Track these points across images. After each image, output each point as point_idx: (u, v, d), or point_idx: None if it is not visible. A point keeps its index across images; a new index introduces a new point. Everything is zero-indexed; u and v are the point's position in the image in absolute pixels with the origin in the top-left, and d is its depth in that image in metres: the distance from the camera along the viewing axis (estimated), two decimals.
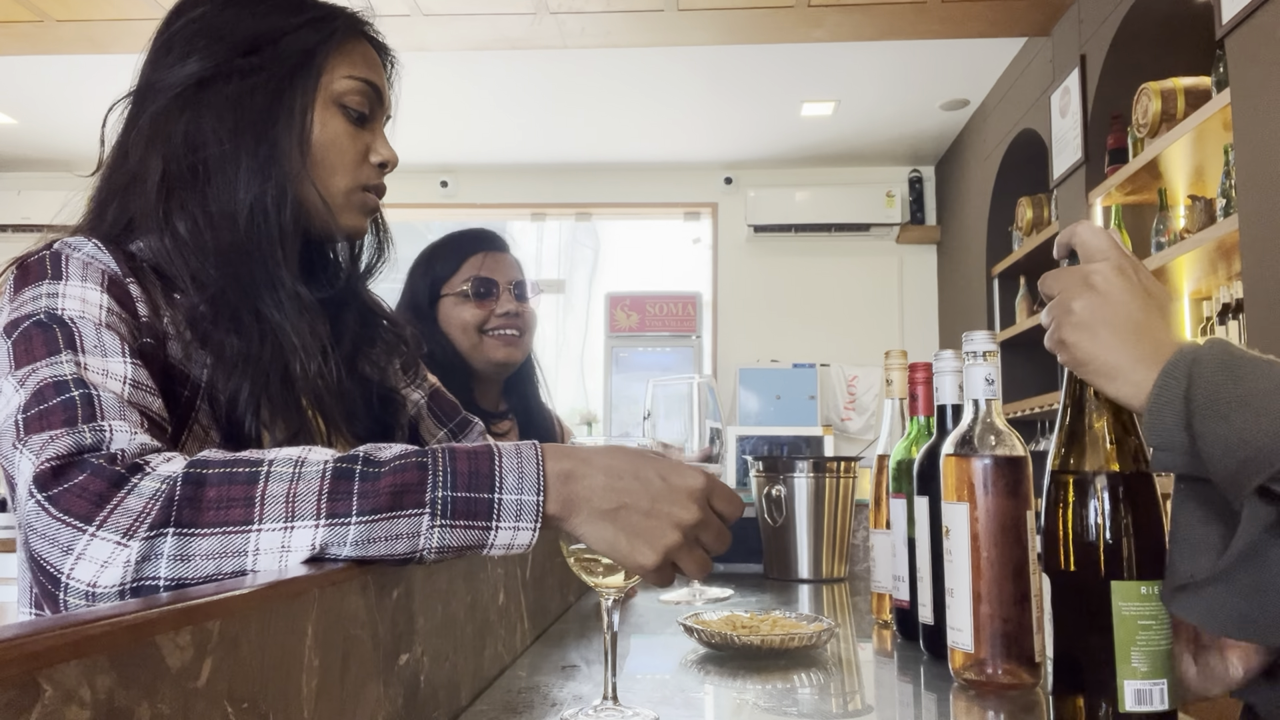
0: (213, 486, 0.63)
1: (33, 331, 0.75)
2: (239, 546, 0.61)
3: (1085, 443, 0.72)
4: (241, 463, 0.64)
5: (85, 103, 4.71)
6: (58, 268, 0.80)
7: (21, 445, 0.66)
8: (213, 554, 0.61)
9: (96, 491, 0.62)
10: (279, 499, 0.62)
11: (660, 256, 5.81)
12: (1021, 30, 3.82)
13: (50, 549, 0.61)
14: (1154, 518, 0.70)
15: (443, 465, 0.65)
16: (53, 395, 0.69)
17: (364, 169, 0.97)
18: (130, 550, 0.60)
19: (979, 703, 0.85)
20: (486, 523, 0.64)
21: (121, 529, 0.61)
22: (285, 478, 0.63)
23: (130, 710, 0.37)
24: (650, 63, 4.29)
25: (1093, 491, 0.70)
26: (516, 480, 0.65)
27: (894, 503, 1.13)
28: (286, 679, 0.50)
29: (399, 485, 0.63)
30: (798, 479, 1.75)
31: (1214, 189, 2.98)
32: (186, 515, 0.61)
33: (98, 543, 0.61)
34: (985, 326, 4.53)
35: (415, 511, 0.63)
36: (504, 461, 0.65)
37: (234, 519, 0.62)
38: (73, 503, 0.62)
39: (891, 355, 1.25)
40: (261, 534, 0.62)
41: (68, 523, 0.61)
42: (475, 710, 0.81)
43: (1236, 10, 2.44)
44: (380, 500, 0.63)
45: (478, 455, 0.66)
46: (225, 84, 0.89)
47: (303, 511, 0.62)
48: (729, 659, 1.03)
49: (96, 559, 0.61)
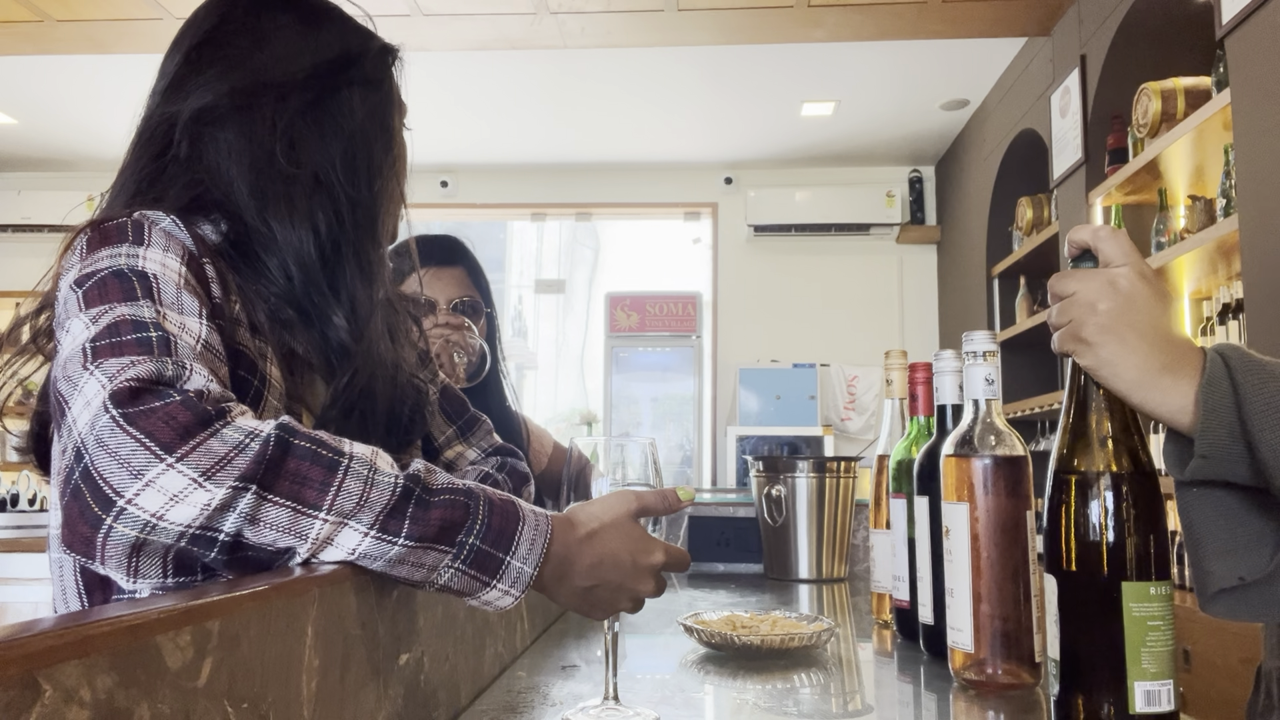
0: (295, 459, 0.62)
1: (108, 279, 0.72)
2: (302, 529, 0.62)
3: (1092, 443, 0.71)
4: (326, 446, 0.64)
5: (85, 103, 4.71)
6: (140, 233, 0.78)
7: (93, 366, 0.63)
8: (278, 525, 0.61)
9: (183, 422, 0.60)
10: (352, 496, 0.63)
11: (660, 256, 5.82)
12: (1021, 30, 3.82)
13: (117, 469, 0.59)
14: (1160, 517, 0.70)
15: (482, 514, 0.68)
16: (129, 331, 0.67)
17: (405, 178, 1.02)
18: (212, 494, 0.59)
19: (979, 703, 0.85)
20: (490, 579, 0.68)
21: (202, 469, 0.59)
22: (361, 478, 0.64)
23: (130, 710, 0.37)
24: (650, 63, 4.29)
25: (1102, 492, 0.70)
26: (527, 550, 0.69)
27: (894, 503, 1.13)
28: (286, 679, 0.50)
29: (445, 521, 0.66)
30: (798, 479, 1.75)
31: (1214, 189, 2.98)
32: (269, 478, 0.61)
33: (173, 474, 0.59)
34: (985, 326, 4.53)
35: (445, 549, 0.66)
36: (524, 531, 0.70)
37: (307, 499, 0.62)
38: (156, 426, 0.59)
39: (891, 355, 1.25)
40: (324, 523, 0.62)
41: (146, 445, 0.59)
42: (475, 710, 0.81)
43: (1236, 10, 2.44)
44: (428, 530, 0.65)
45: (508, 515, 0.70)
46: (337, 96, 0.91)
47: (364, 517, 0.63)
48: (729, 659, 1.03)
49: (168, 490, 0.59)
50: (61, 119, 4.95)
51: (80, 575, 0.79)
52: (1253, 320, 2.43)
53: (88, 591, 0.79)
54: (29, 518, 3.69)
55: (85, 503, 0.59)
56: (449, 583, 0.67)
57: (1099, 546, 0.69)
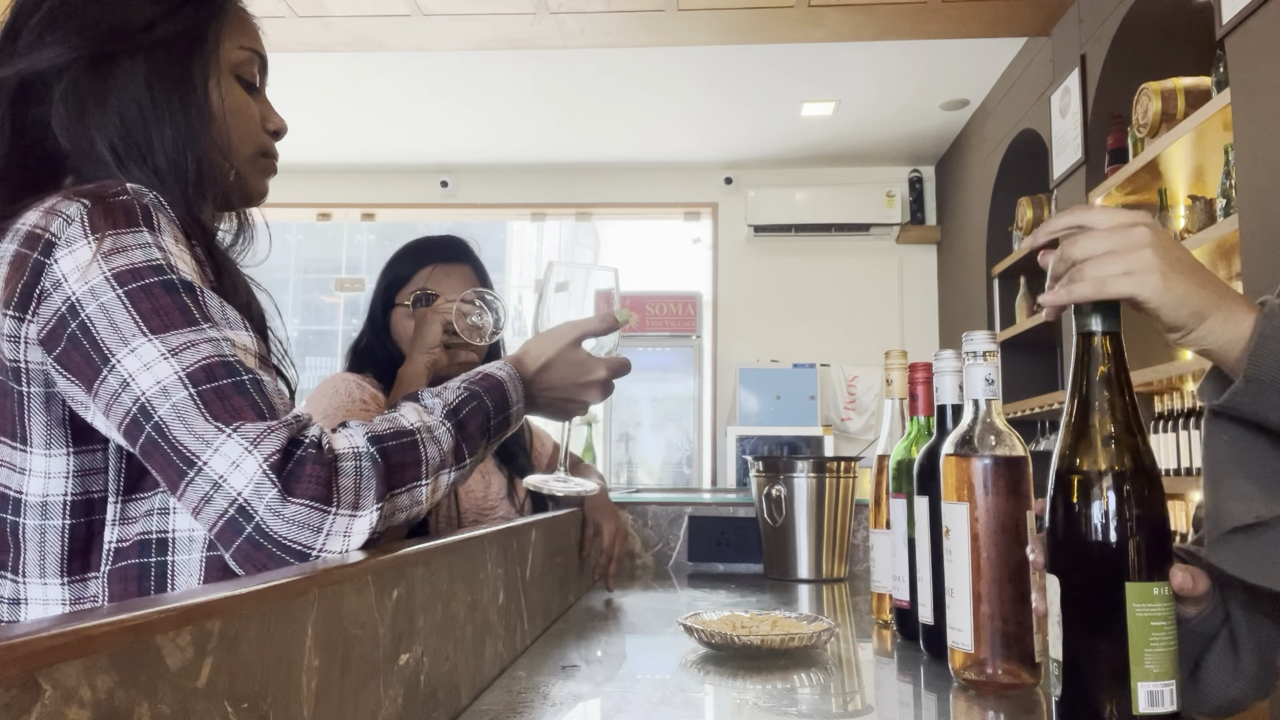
0: (394, 455, 0.77)
1: (156, 290, 0.75)
2: (417, 497, 0.79)
3: (1097, 442, 0.71)
4: (396, 432, 0.80)
5: None
6: (149, 217, 0.79)
7: (230, 430, 0.71)
8: (405, 506, 0.78)
9: (324, 478, 0.72)
10: (435, 458, 0.81)
11: (660, 256, 5.82)
12: (1021, 30, 3.82)
13: (300, 531, 0.71)
14: (1163, 517, 0.70)
15: (489, 403, 0.91)
16: (223, 375, 0.73)
17: (262, 135, 0.97)
18: (370, 518, 0.73)
19: (979, 703, 0.85)
20: (505, 432, 0.95)
21: (350, 504, 0.73)
22: (432, 441, 0.82)
23: (130, 710, 0.37)
24: (650, 63, 4.29)
25: (1106, 492, 0.69)
26: (517, 397, 0.96)
27: (894, 503, 1.13)
28: (286, 679, 0.50)
29: (480, 426, 0.89)
30: (798, 479, 1.75)
31: (1214, 189, 2.98)
32: (393, 480, 0.77)
33: (340, 519, 0.72)
34: (985, 326, 4.53)
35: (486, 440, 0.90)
36: (509, 389, 0.95)
37: (409, 478, 0.79)
38: (313, 490, 0.71)
39: (891, 355, 1.25)
40: (425, 486, 0.80)
41: (315, 507, 0.71)
42: (475, 710, 0.81)
43: (1236, 10, 2.44)
44: (477, 440, 0.88)
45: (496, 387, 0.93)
46: (129, 61, 0.87)
47: (447, 462, 0.83)
48: (729, 659, 1.03)
49: (340, 532, 0.72)
50: None
51: (67, 538, 0.80)
52: None
53: (70, 556, 0.80)
54: None
55: (273, 555, 0.71)
56: (488, 451, 0.92)
57: (1103, 547, 0.68)
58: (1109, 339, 0.73)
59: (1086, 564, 0.69)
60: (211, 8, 0.92)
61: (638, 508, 1.97)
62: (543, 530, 1.20)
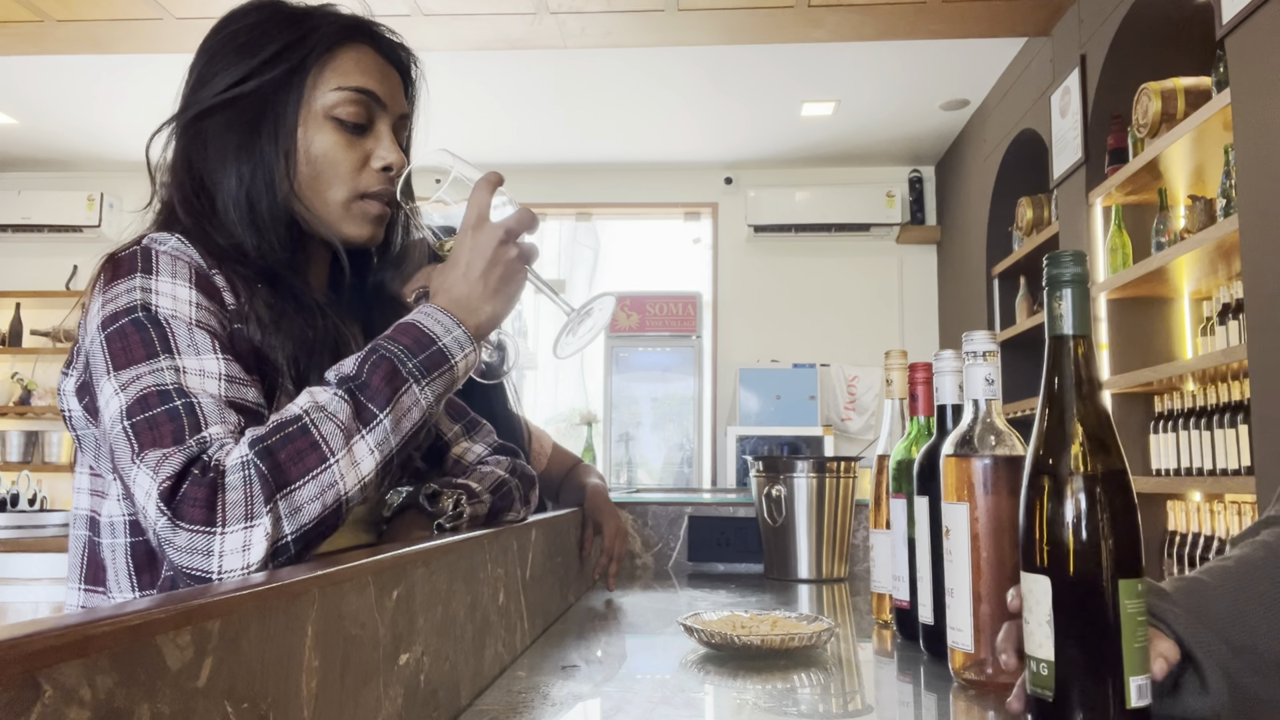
0: (280, 450, 0.74)
1: (128, 330, 0.80)
2: (329, 480, 0.75)
3: (1080, 442, 0.71)
4: (284, 423, 0.76)
5: (85, 103, 4.71)
6: (148, 262, 0.85)
7: (139, 461, 0.73)
8: (315, 496, 0.74)
9: (205, 498, 0.71)
10: (335, 433, 0.76)
11: (660, 256, 5.81)
12: (1021, 30, 3.82)
13: (193, 557, 0.71)
14: (1136, 513, 0.71)
15: (396, 347, 0.83)
16: (156, 404, 0.76)
17: (363, 177, 0.98)
18: (263, 525, 0.71)
19: (979, 703, 0.85)
20: (449, 360, 0.85)
21: (240, 518, 0.71)
22: (324, 418, 0.77)
23: (130, 710, 0.37)
24: (650, 63, 4.29)
25: (1104, 492, 0.70)
26: (442, 328, 0.86)
27: (894, 503, 1.13)
28: (286, 679, 0.50)
29: (385, 375, 0.81)
30: (798, 479, 1.75)
31: (1214, 189, 2.98)
32: (280, 479, 0.73)
33: (230, 537, 0.71)
34: (985, 326, 4.53)
35: (404, 386, 0.81)
36: (424, 322, 0.86)
37: (312, 464, 0.75)
38: (194, 513, 0.71)
39: (891, 355, 1.25)
40: (338, 463, 0.76)
41: (198, 531, 0.71)
42: (475, 710, 0.81)
43: (1236, 10, 2.44)
44: (384, 393, 0.80)
45: (406, 330, 0.85)
46: (220, 113, 0.94)
47: (351, 431, 0.77)
48: (729, 659, 1.02)
49: (235, 548, 0.71)
50: (61, 119, 4.95)
51: (130, 556, 0.87)
52: (1253, 320, 2.43)
53: (138, 572, 0.87)
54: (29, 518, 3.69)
55: (184, 576, 0.71)
56: (436, 392, 0.84)
57: (1099, 545, 0.69)
58: (1081, 341, 0.73)
59: (1082, 563, 0.69)
60: (295, 59, 0.95)
61: (638, 508, 1.97)
62: (543, 530, 1.20)
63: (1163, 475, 3.07)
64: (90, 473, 0.92)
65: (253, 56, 0.94)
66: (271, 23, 0.96)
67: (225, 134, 0.94)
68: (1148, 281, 3.12)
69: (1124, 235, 3.26)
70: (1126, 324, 3.29)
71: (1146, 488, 3.06)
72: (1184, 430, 2.96)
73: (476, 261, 0.90)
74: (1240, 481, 2.60)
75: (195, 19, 3.63)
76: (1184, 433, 2.95)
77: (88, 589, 0.91)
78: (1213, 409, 2.83)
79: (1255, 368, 2.40)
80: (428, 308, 0.88)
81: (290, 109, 0.94)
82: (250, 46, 0.95)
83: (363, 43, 0.99)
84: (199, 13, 3.59)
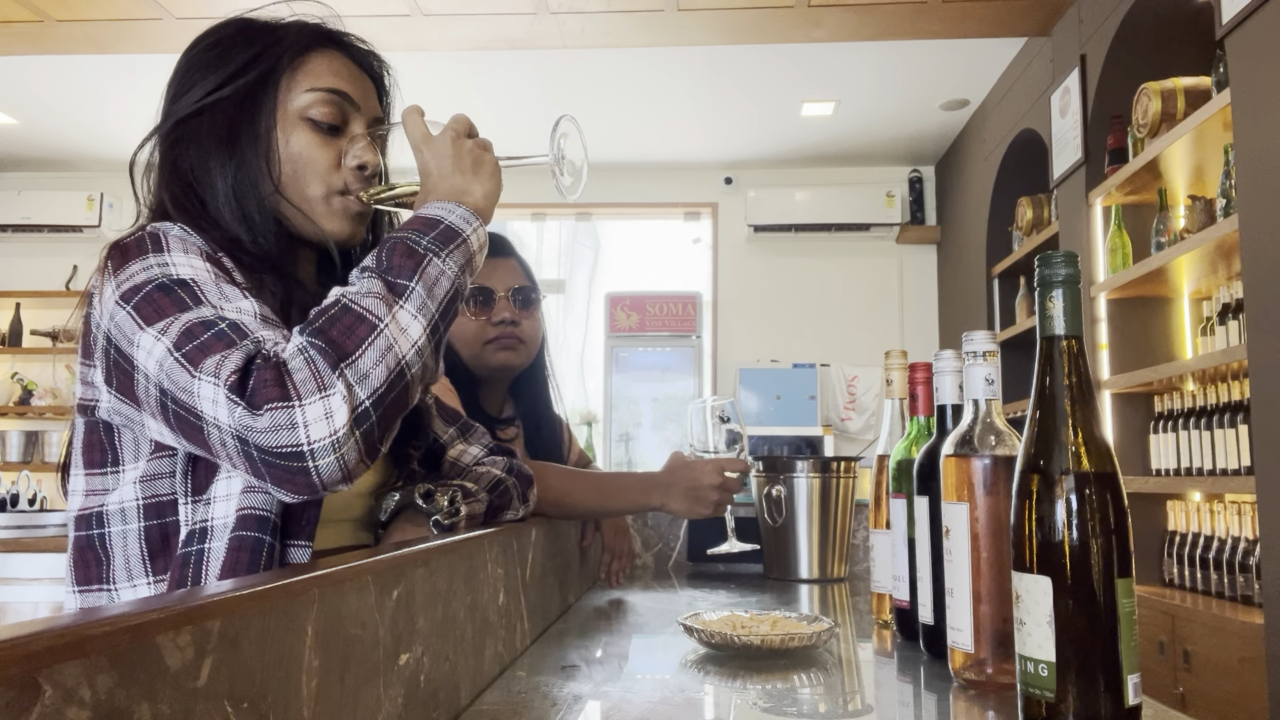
0: (329, 328, 0.77)
1: (155, 294, 0.81)
2: (384, 345, 0.78)
3: (1079, 443, 0.71)
4: (327, 309, 0.79)
5: (85, 103, 4.71)
6: (157, 243, 0.86)
7: (199, 375, 0.75)
8: (377, 360, 0.77)
9: (276, 379, 0.74)
10: (372, 306, 0.80)
11: (660, 256, 5.81)
12: (1021, 30, 3.82)
13: (279, 434, 0.73)
14: (1128, 513, 0.71)
15: (405, 233, 0.86)
16: (202, 331, 0.78)
17: (338, 175, 1.00)
18: (338, 391, 0.74)
19: (979, 703, 0.85)
20: (460, 237, 0.88)
21: (314, 390, 0.74)
22: (361, 295, 0.80)
23: (130, 710, 0.37)
24: (650, 63, 4.29)
25: (1105, 492, 0.70)
26: (443, 210, 0.90)
27: (894, 503, 1.13)
28: (286, 679, 0.50)
29: (403, 254, 0.84)
30: (798, 479, 1.75)
31: (1214, 189, 2.98)
32: (340, 350, 0.76)
33: (310, 407, 0.74)
34: (985, 326, 4.53)
35: (427, 259, 0.85)
36: (424, 212, 0.90)
37: (363, 334, 0.78)
38: (272, 393, 0.73)
39: (891, 355, 1.25)
40: (387, 329, 0.79)
41: (280, 408, 0.73)
42: (475, 710, 0.81)
43: (1236, 10, 2.44)
44: (408, 266, 0.83)
45: (409, 221, 0.89)
46: (199, 119, 0.97)
47: (389, 301, 0.81)
48: (729, 659, 1.03)
49: (316, 419, 0.74)
50: (61, 119, 4.95)
51: (145, 540, 0.88)
52: (1252, 320, 2.43)
53: (152, 557, 0.88)
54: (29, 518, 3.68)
55: (279, 468, 0.74)
56: (458, 262, 0.87)
57: (1098, 546, 0.69)
58: (1073, 342, 0.73)
59: (1084, 564, 0.69)
60: (267, 65, 0.98)
61: None
62: (543, 530, 1.20)
63: (1163, 475, 3.07)
64: (86, 473, 0.91)
65: (228, 65, 0.97)
66: (243, 35, 1.00)
67: (206, 139, 0.96)
68: (1148, 281, 3.12)
69: (1124, 235, 3.26)
70: (1126, 324, 3.29)
71: (1146, 488, 3.06)
72: (1184, 430, 2.96)
73: (443, 161, 0.94)
74: (1240, 481, 2.60)
75: (195, 19, 3.63)
76: (1184, 433, 2.95)
77: (82, 590, 0.90)
78: (1213, 409, 2.83)
79: (1255, 368, 2.40)
80: (421, 208, 0.91)
81: (266, 112, 0.97)
82: (224, 58, 0.98)
83: (333, 49, 1.02)
84: (199, 13, 3.59)
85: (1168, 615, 2.73)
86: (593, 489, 1.49)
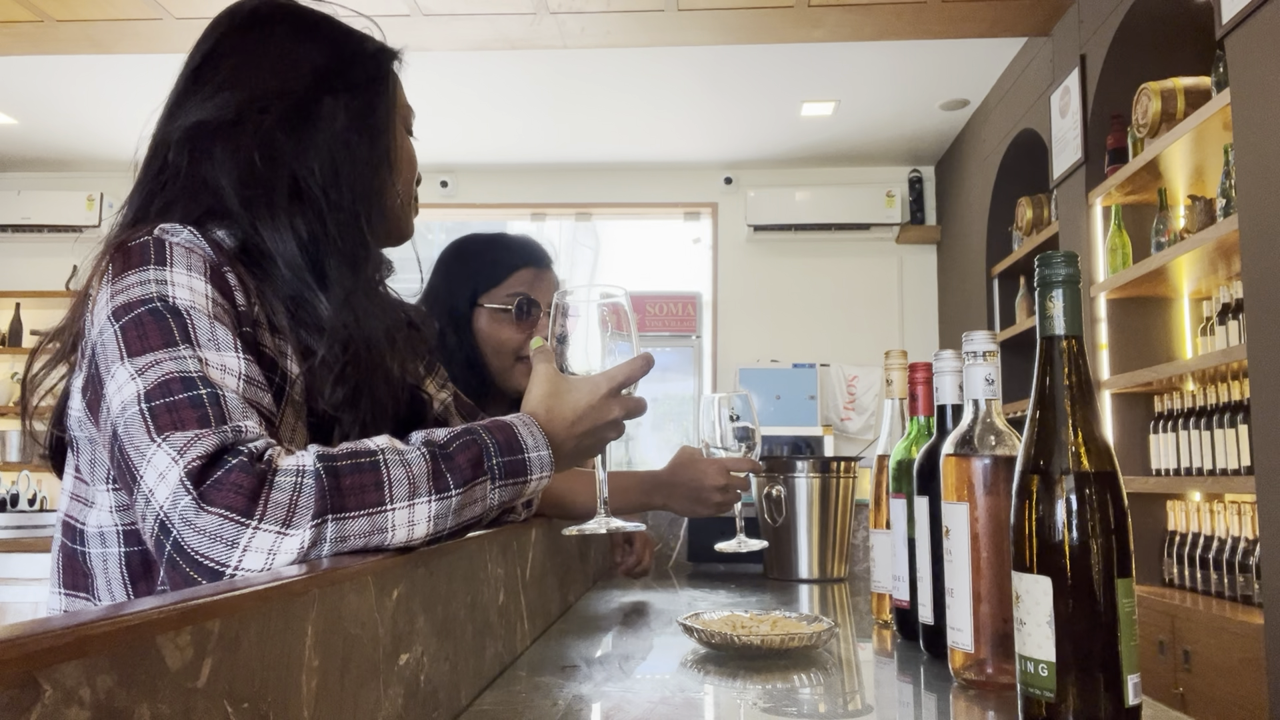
0: (346, 476, 0.71)
1: (145, 319, 0.77)
2: (381, 524, 0.71)
3: (1079, 443, 0.71)
4: (358, 452, 0.73)
5: (85, 103, 4.71)
6: (161, 253, 0.82)
7: (160, 440, 0.69)
8: (363, 533, 0.70)
9: (249, 487, 0.67)
10: (402, 481, 0.73)
11: (660, 256, 5.82)
12: (1021, 30, 3.82)
13: (213, 544, 0.66)
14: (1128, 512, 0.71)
15: (488, 439, 0.81)
16: (179, 390, 0.72)
17: (414, 179, 1.07)
18: (301, 536, 0.67)
19: (979, 703, 0.85)
20: (524, 477, 0.83)
21: (279, 520, 0.67)
22: (399, 463, 0.74)
23: (130, 710, 0.37)
24: (650, 63, 4.29)
25: (1106, 492, 0.70)
26: (533, 441, 0.84)
27: (894, 503, 1.13)
28: (286, 679, 0.50)
29: (471, 459, 0.78)
30: (798, 479, 1.75)
31: (1214, 189, 2.98)
32: (337, 502, 0.69)
33: (261, 535, 0.67)
34: (985, 326, 4.53)
35: (483, 478, 0.79)
36: (520, 431, 0.84)
37: (372, 501, 0.71)
38: (230, 499, 0.67)
39: (891, 355, 1.25)
40: (395, 512, 0.72)
41: (230, 518, 0.66)
42: (475, 710, 0.81)
43: (1236, 10, 2.44)
44: (465, 473, 0.77)
45: (503, 428, 0.83)
46: (318, 105, 0.94)
47: (420, 490, 0.74)
48: (729, 659, 1.02)
49: (263, 548, 0.67)
50: (61, 119, 4.95)
51: (125, 566, 0.85)
52: (1252, 320, 2.43)
53: (133, 581, 0.85)
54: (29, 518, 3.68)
55: (188, 575, 0.67)
56: (503, 499, 0.81)
57: (1099, 546, 0.69)
58: (1073, 342, 0.73)
59: (1085, 564, 0.69)
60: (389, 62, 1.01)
61: None
62: (543, 530, 1.20)
63: (1163, 475, 3.07)
64: (76, 476, 0.89)
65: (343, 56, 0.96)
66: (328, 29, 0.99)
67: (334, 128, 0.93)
68: (1147, 281, 3.12)
69: (1124, 235, 3.26)
70: (1126, 324, 3.29)
71: (1146, 488, 3.06)
72: (1184, 430, 2.96)
73: (589, 416, 0.92)
74: (1240, 481, 2.60)
75: (195, 19, 3.63)
76: (1184, 433, 2.95)
77: (68, 593, 0.88)
78: (1213, 409, 2.83)
79: (1255, 368, 2.40)
80: (528, 418, 0.87)
81: (390, 111, 0.99)
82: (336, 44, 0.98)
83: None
84: (199, 13, 3.58)
85: (1168, 615, 2.73)
86: (594, 488, 1.49)
